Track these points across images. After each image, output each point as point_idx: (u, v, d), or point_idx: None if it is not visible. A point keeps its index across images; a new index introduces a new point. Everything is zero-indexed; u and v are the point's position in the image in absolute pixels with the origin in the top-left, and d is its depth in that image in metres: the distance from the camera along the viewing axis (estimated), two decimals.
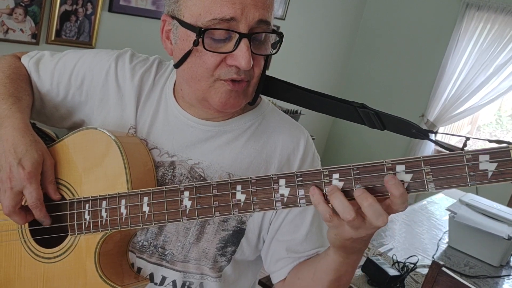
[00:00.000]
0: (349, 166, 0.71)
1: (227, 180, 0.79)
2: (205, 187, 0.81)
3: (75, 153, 0.95)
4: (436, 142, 0.88)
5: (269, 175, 0.76)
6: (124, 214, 0.87)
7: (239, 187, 0.78)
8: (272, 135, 1.00)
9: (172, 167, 0.97)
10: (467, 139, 0.73)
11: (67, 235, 0.94)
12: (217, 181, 0.80)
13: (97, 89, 1.03)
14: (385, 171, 0.69)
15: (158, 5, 2.95)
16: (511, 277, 2.20)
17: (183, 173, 0.96)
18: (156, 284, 0.99)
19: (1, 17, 2.38)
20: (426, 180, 0.67)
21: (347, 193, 0.71)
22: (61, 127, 1.09)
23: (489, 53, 3.89)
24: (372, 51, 4.60)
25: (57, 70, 1.05)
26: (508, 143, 0.64)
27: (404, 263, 2.07)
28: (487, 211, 2.32)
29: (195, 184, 0.82)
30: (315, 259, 0.95)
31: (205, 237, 0.96)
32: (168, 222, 0.85)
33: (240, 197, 0.78)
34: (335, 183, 0.72)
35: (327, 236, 0.81)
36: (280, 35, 0.89)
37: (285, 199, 0.75)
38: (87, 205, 0.91)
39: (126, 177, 0.89)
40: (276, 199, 0.76)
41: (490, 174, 0.64)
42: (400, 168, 0.68)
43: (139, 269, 0.99)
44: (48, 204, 0.94)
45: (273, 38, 0.90)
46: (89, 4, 2.64)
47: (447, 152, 0.68)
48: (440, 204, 2.96)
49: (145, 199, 0.86)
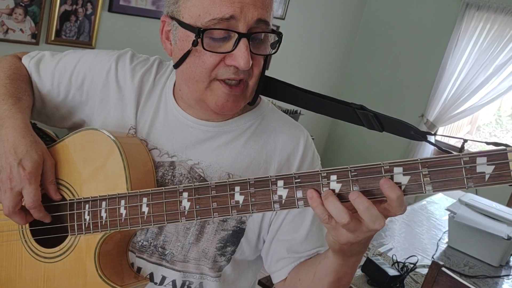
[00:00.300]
0: (347, 168, 0.71)
1: (226, 182, 0.80)
2: (203, 188, 0.81)
3: (75, 153, 0.96)
4: (434, 144, 0.88)
5: (267, 177, 0.77)
6: (123, 215, 0.88)
7: (237, 188, 0.79)
8: (272, 135, 1.00)
9: (172, 167, 0.97)
10: (465, 141, 0.73)
11: (67, 235, 0.95)
12: (215, 182, 0.80)
13: (97, 89, 1.03)
14: (383, 173, 0.69)
15: (158, 5, 2.95)
16: (510, 277, 2.20)
17: (183, 173, 0.96)
18: (156, 283, 1.00)
19: (1, 17, 2.38)
20: (424, 183, 0.67)
21: (344, 196, 0.71)
22: (61, 127, 1.09)
23: (489, 53, 3.89)
24: (372, 51, 4.60)
25: (57, 71, 1.05)
26: (506, 145, 0.64)
27: (404, 263, 2.07)
28: (486, 211, 2.32)
29: (194, 185, 0.82)
30: (315, 260, 0.95)
31: (205, 237, 0.97)
32: (167, 223, 0.85)
33: (239, 198, 0.78)
34: (333, 184, 0.72)
35: (326, 240, 0.81)
36: (279, 35, 0.89)
37: (283, 200, 0.75)
38: (87, 205, 0.92)
39: (125, 177, 0.89)
40: (274, 200, 0.76)
41: (487, 177, 0.64)
42: (398, 170, 0.68)
43: (139, 268, 0.99)
44: (48, 204, 0.94)
45: (272, 38, 0.90)
46: (89, 4, 2.64)
47: (445, 154, 0.68)
48: (439, 204, 2.96)
49: (145, 200, 0.86)
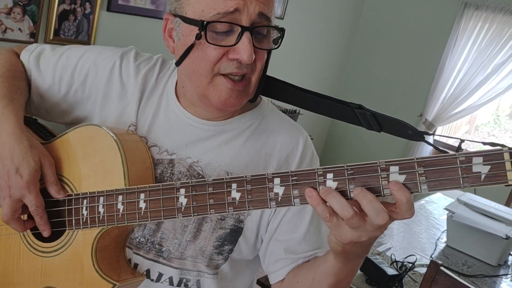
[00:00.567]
0: (343, 166, 0.71)
1: (223, 179, 0.80)
2: (200, 185, 0.82)
3: (74, 149, 0.96)
4: (431, 144, 0.88)
5: (264, 174, 0.77)
6: (120, 210, 0.88)
7: (234, 186, 0.79)
8: (271, 135, 1.00)
9: (171, 165, 0.97)
10: (462, 141, 0.73)
11: (65, 230, 0.95)
12: (212, 179, 0.81)
13: (100, 85, 1.03)
14: (379, 171, 0.69)
15: (157, 4, 2.94)
16: (509, 276, 2.21)
17: (181, 171, 0.97)
18: (152, 280, 1.00)
19: None
20: (419, 181, 0.67)
21: (344, 194, 0.71)
22: (61, 122, 1.09)
23: (487, 53, 3.89)
24: (371, 51, 4.60)
25: (59, 65, 1.04)
26: (502, 145, 0.64)
27: (403, 262, 2.07)
28: (485, 210, 2.32)
29: (191, 182, 0.82)
30: (314, 264, 0.94)
31: (202, 235, 0.97)
32: (164, 219, 0.85)
33: (235, 195, 0.79)
34: (329, 183, 0.72)
35: (328, 241, 0.81)
36: (282, 31, 0.90)
37: (279, 198, 0.76)
38: (85, 200, 0.92)
39: (124, 174, 0.89)
40: (271, 198, 0.76)
41: (483, 177, 0.64)
42: (394, 169, 0.69)
43: (135, 265, 0.99)
44: (47, 200, 0.94)
45: (275, 33, 0.91)
46: (87, 4, 2.64)
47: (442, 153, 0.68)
48: (438, 204, 2.96)
49: (142, 195, 0.87)
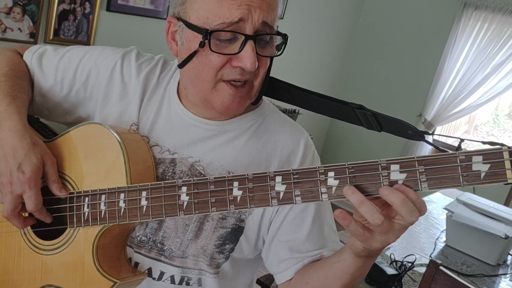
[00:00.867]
0: (345, 164, 0.72)
1: (224, 177, 0.80)
2: (202, 183, 0.82)
3: (76, 147, 0.96)
4: (431, 143, 0.89)
5: (266, 172, 0.77)
6: (122, 208, 0.89)
7: (235, 184, 0.79)
8: (273, 135, 1.01)
9: (172, 164, 0.98)
10: (462, 140, 0.74)
11: (66, 227, 0.95)
12: (214, 177, 0.81)
13: (102, 85, 1.03)
14: (380, 170, 0.70)
15: (156, 5, 2.95)
16: (508, 275, 2.21)
17: (183, 170, 0.97)
18: (154, 279, 1.00)
19: None
20: (420, 180, 0.68)
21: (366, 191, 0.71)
22: (63, 122, 1.09)
23: (487, 53, 3.89)
24: (370, 51, 4.60)
25: (61, 65, 1.05)
26: (502, 145, 0.65)
27: (402, 262, 2.07)
28: (484, 210, 2.32)
29: (192, 180, 0.83)
30: (325, 264, 0.94)
31: (204, 234, 0.97)
32: (166, 217, 0.86)
33: (237, 193, 0.79)
34: (330, 181, 0.73)
35: (352, 248, 0.81)
36: (285, 37, 0.90)
37: (281, 196, 0.76)
38: (86, 198, 0.93)
39: (126, 172, 0.90)
40: (272, 196, 0.77)
41: (483, 175, 0.65)
42: (395, 167, 0.69)
43: (136, 263, 1.00)
44: (49, 198, 0.95)
45: (277, 40, 0.91)
46: (87, 3, 2.64)
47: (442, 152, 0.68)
48: (437, 203, 2.97)
49: (144, 193, 0.87)
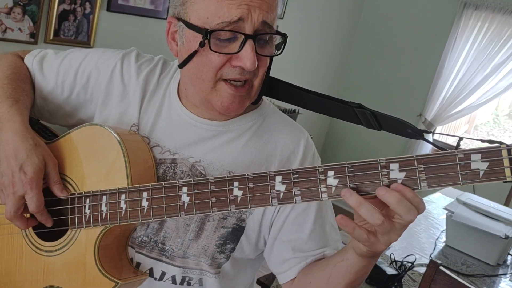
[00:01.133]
0: (344, 164, 0.72)
1: (225, 177, 0.81)
2: (203, 183, 0.82)
3: (77, 149, 0.97)
4: (430, 142, 0.89)
5: (266, 172, 0.78)
6: (123, 209, 0.89)
7: (236, 184, 0.80)
8: (273, 135, 1.01)
9: (173, 164, 0.98)
10: (461, 139, 0.75)
11: (67, 229, 0.96)
12: (214, 178, 0.82)
13: (102, 86, 1.04)
14: (379, 169, 0.70)
15: (156, 5, 2.95)
16: (508, 275, 2.21)
17: (184, 170, 0.97)
18: (155, 279, 1.00)
19: None
20: (419, 178, 0.68)
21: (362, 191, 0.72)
22: (64, 124, 1.10)
23: (487, 53, 3.89)
24: (370, 50, 4.60)
25: (62, 69, 1.06)
26: (500, 143, 0.65)
27: (402, 262, 2.07)
28: (484, 210, 2.32)
29: (193, 180, 0.83)
30: (328, 263, 0.94)
31: (205, 233, 0.97)
32: (167, 217, 0.86)
33: (237, 193, 0.80)
34: (330, 180, 0.73)
35: (355, 249, 0.82)
36: (285, 36, 0.91)
37: (281, 195, 0.76)
38: (87, 199, 0.93)
39: (126, 173, 0.90)
40: (272, 195, 0.77)
41: (481, 173, 0.65)
42: (394, 166, 0.70)
43: (138, 264, 1.00)
44: (50, 199, 0.95)
45: (277, 39, 0.91)
46: (87, 4, 2.64)
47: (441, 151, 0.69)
48: (437, 203, 2.97)
49: (145, 194, 0.87)
